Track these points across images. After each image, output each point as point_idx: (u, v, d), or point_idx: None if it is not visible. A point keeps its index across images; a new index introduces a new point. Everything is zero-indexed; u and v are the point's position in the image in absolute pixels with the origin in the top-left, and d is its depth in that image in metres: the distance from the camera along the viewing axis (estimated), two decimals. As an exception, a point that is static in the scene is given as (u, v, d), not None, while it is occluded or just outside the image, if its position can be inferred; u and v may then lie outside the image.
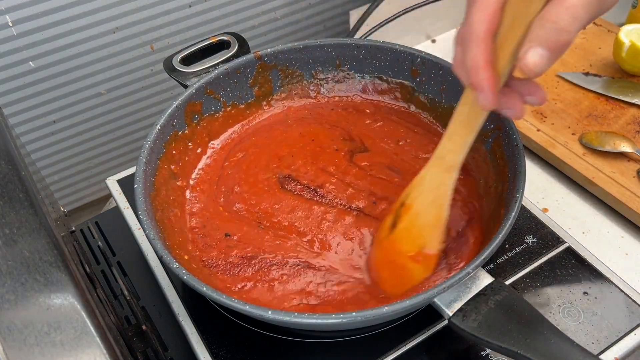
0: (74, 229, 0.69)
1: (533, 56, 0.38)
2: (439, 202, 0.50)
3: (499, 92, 0.42)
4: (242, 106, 0.69)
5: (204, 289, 0.46)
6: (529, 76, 0.39)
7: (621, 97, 0.77)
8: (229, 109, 0.68)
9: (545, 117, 0.77)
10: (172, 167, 0.62)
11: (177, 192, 0.61)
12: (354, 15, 0.97)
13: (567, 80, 0.81)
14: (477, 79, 0.41)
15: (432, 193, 0.50)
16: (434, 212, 0.50)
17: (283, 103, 0.71)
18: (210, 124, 0.66)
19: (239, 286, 0.54)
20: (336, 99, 0.71)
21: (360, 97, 0.71)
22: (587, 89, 0.80)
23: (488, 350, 0.53)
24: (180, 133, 0.63)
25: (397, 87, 0.69)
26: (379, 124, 0.68)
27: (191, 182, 0.63)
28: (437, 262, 0.52)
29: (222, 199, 0.62)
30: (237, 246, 0.57)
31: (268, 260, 0.56)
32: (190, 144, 0.64)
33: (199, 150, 0.65)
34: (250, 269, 0.55)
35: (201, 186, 0.63)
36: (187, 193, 0.62)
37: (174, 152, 0.62)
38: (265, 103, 0.70)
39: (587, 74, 0.81)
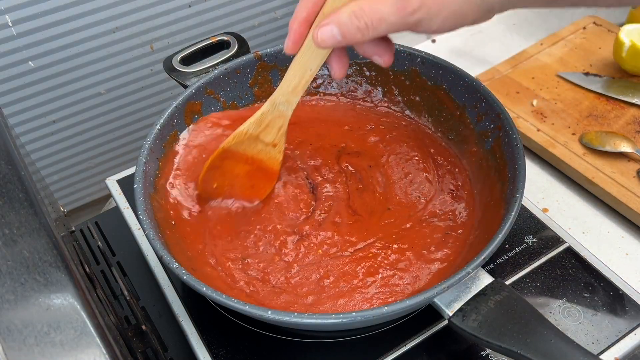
0: (73, 229, 0.69)
1: (325, 32, 0.44)
2: None
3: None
4: (240, 105, 0.69)
5: (204, 289, 0.46)
6: (315, 44, 0.45)
7: (621, 97, 0.77)
8: (229, 109, 0.68)
9: (546, 117, 0.77)
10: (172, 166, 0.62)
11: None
12: (354, 15, 0.96)
13: (567, 80, 0.81)
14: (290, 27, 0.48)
15: None
16: None
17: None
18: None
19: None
20: (336, 98, 0.71)
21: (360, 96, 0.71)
22: (587, 89, 0.80)
23: (488, 351, 0.53)
24: (180, 134, 0.63)
25: (398, 86, 0.69)
26: (370, 125, 0.68)
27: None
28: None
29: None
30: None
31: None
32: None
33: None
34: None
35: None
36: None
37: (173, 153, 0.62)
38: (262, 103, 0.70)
39: (587, 74, 0.81)
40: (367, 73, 0.69)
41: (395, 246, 0.56)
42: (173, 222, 0.58)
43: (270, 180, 0.61)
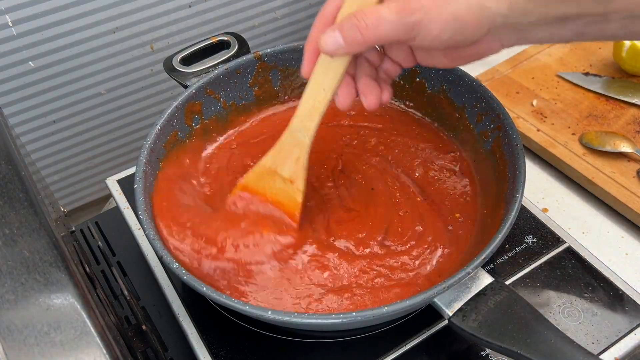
0: (73, 229, 0.69)
1: (328, 37, 0.44)
2: None
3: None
4: (240, 105, 0.69)
5: (204, 289, 0.46)
6: (321, 50, 0.45)
7: (621, 97, 0.77)
8: (229, 109, 0.68)
9: (545, 117, 0.77)
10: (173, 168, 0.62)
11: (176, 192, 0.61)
12: (354, 15, 0.96)
13: (567, 80, 0.81)
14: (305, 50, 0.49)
15: None
16: None
17: (282, 103, 0.71)
18: (209, 126, 0.67)
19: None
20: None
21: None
22: (587, 89, 0.80)
23: (488, 351, 0.53)
24: (180, 134, 0.63)
25: (396, 87, 0.69)
26: (379, 126, 0.68)
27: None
28: None
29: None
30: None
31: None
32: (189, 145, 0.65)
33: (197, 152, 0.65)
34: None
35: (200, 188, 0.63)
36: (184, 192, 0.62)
37: (174, 155, 0.62)
38: (264, 103, 0.70)
39: (587, 74, 0.81)
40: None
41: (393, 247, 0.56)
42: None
43: (290, 228, 0.55)
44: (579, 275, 0.58)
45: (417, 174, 0.62)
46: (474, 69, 0.85)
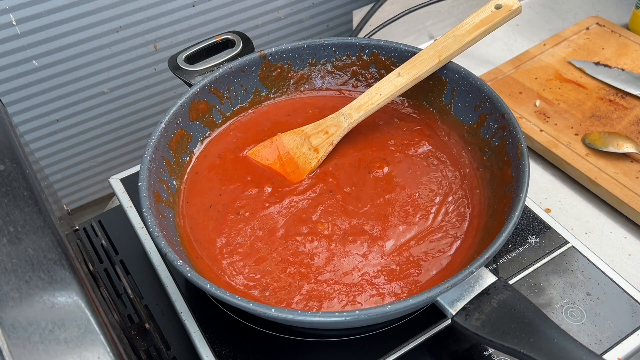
0: (77, 227, 0.70)
1: None
2: None
3: None
4: (245, 104, 0.69)
5: (207, 286, 0.46)
6: None
7: (628, 89, 0.77)
8: (232, 107, 0.68)
9: (549, 117, 0.77)
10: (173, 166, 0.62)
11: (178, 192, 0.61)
12: (357, 15, 0.97)
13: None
14: None
15: None
16: None
17: (285, 101, 0.71)
18: (212, 121, 0.67)
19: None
20: (338, 98, 0.71)
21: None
22: (595, 78, 0.80)
23: (491, 350, 0.53)
24: (183, 132, 0.63)
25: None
26: (380, 123, 0.68)
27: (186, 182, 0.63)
28: None
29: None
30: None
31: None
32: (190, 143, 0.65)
33: (196, 150, 0.66)
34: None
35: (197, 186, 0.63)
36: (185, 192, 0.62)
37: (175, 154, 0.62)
38: (268, 100, 0.70)
39: (597, 63, 0.82)
40: (368, 75, 0.69)
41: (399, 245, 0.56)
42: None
43: (294, 179, 0.62)
44: (582, 275, 0.58)
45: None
46: (477, 69, 0.85)
